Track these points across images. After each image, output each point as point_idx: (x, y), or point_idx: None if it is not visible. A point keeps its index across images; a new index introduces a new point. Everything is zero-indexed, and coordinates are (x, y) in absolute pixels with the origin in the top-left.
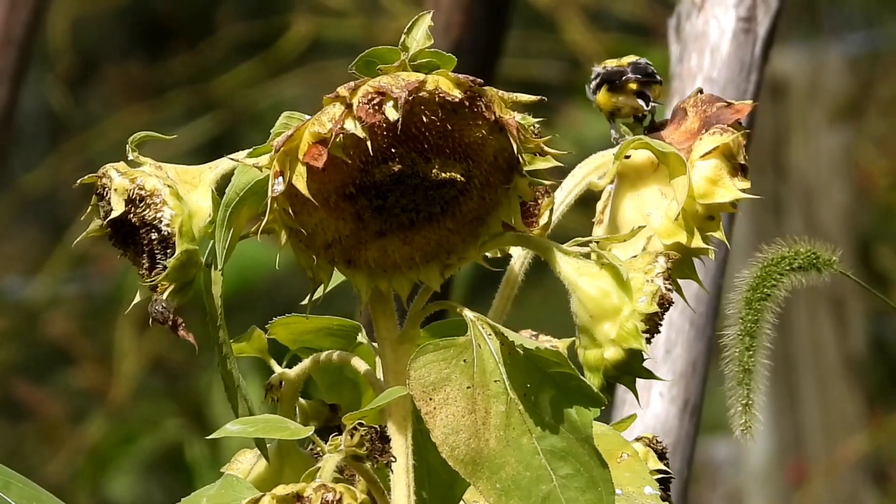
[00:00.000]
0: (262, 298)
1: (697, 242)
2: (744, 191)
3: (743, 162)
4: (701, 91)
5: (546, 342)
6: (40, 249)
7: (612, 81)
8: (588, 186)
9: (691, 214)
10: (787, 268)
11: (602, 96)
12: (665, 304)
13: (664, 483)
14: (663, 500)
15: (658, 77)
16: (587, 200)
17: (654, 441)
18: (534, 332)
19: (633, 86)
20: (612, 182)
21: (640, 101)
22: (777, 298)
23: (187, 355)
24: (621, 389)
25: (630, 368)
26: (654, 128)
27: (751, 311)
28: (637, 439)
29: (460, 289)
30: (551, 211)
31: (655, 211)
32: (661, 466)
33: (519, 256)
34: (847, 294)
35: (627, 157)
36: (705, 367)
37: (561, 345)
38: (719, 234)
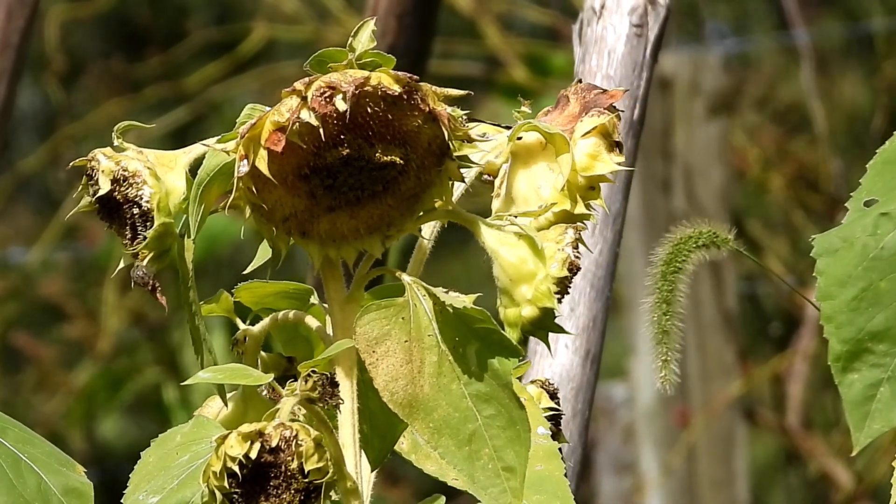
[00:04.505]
0: (228, 264)
1: (581, 209)
2: (619, 164)
3: (618, 139)
4: (580, 81)
5: (456, 297)
6: (37, 223)
7: None
8: (487, 164)
9: (575, 185)
10: (694, 245)
11: None
12: (574, 269)
13: (555, 419)
14: (554, 435)
15: None
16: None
17: (547, 383)
18: (445, 290)
19: None
20: (507, 160)
21: None
22: (687, 271)
23: (164, 313)
24: (532, 341)
25: (544, 324)
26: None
27: (666, 282)
28: (532, 382)
29: (395, 256)
30: (453, 185)
31: (545, 184)
32: (552, 405)
33: (427, 227)
34: (723, 259)
35: (520, 138)
36: (604, 323)
37: (468, 299)
38: (599, 202)
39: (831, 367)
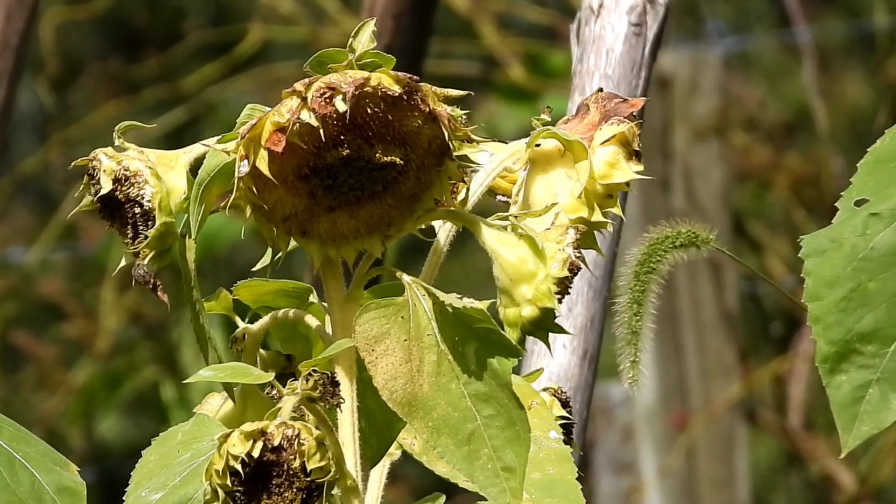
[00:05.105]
0: (225, 264)
1: (598, 217)
2: (637, 172)
3: (637, 148)
4: (601, 90)
5: (469, 302)
6: (36, 222)
7: None
8: (504, 170)
9: (592, 193)
10: (671, 245)
11: None
12: (574, 269)
13: (566, 428)
14: (565, 442)
15: None
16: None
17: (559, 391)
18: (459, 295)
19: None
20: (525, 167)
21: None
22: (661, 272)
23: (162, 311)
24: (530, 341)
25: (544, 324)
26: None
27: (638, 282)
28: (544, 389)
29: (392, 256)
30: (468, 189)
31: (562, 191)
32: (564, 413)
33: (443, 230)
34: (723, 258)
35: (538, 145)
36: (602, 323)
37: (481, 306)
38: (616, 210)
39: (819, 368)
